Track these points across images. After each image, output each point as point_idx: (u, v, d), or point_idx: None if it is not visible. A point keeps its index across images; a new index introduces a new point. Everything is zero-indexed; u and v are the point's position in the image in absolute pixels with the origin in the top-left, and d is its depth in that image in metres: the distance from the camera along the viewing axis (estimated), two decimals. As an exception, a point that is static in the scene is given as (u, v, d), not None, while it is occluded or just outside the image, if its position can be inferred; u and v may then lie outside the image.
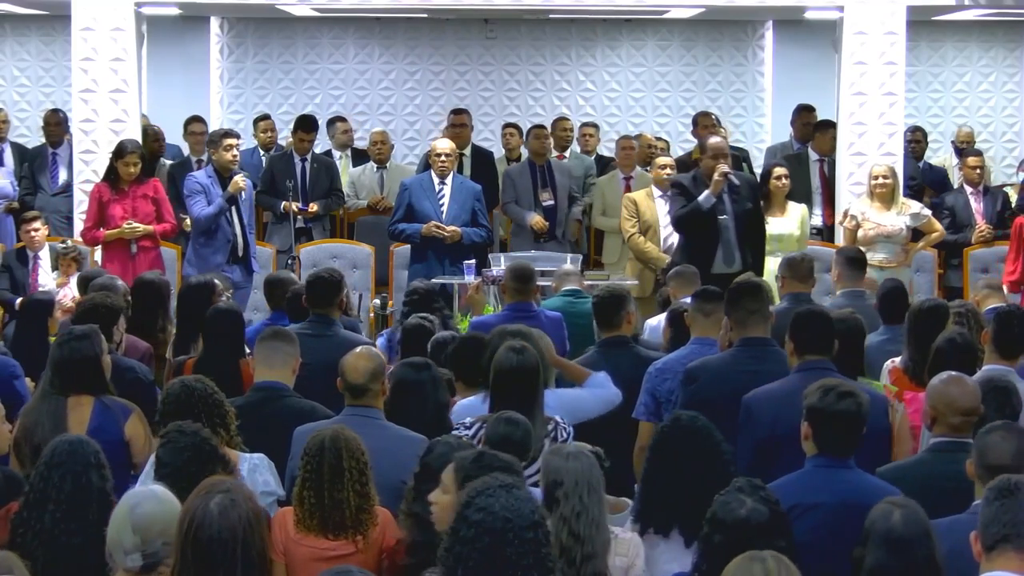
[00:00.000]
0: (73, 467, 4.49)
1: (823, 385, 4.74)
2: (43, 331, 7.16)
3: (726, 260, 9.13)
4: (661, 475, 4.76)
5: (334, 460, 4.56)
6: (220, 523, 3.82)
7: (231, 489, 3.91)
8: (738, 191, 9.28)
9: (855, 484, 4.61)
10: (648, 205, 10.20)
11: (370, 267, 10.87)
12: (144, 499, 4.05)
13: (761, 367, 5.79)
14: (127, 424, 5.65)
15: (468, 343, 6.29)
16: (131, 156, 9.56)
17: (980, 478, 4.38)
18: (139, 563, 3.97)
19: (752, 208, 9.33)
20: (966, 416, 4.91)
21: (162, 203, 9.76)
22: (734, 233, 9.17)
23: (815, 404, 4.70)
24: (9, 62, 14.48)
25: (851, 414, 4.66)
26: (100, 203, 9.58)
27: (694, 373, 6.00)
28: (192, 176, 10.01)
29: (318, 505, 4.56)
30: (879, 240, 9.79)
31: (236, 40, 14.34)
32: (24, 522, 4.48)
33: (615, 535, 4.51)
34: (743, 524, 3.96)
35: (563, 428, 5.53)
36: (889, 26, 10.83)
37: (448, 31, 14.35)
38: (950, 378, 5.05)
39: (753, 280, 6.43)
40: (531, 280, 7.54)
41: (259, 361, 5.84)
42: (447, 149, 10.31)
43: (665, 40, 14.48)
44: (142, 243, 9.60)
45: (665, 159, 10.50)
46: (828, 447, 4.68)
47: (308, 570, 4.51)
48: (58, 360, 5.73)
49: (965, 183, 11.11)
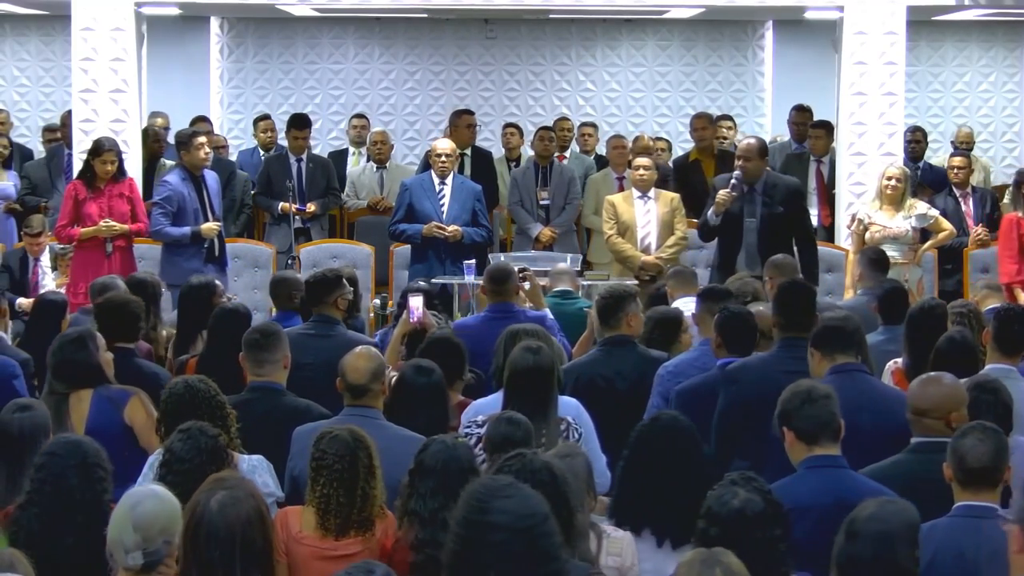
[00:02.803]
0: (54, 471, 4.50)
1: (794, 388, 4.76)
2: (56, 331, 7.16)
3: (748, 264, 9.04)
4: (638, 473, 4.73)
5: (367, 458, 4.55)
6: (219, 520, 3.82)
7: (234, 486, 3.91)
8: (771, 194, 9.20)
9: (848, 485, 4.58)
10: (626, 207, 10.18)
11: (370, 267, 10.85)
12: (145, 498, 4.06)
13: (803, 368, 5.70)
14: (127, 408, 5.70)
15: (437, 344, 6.25)
16: (108, 154, 9.45)
17: (959, 481, 4.36)
18: (140, 562, 3.97)
19: (784, 212, 9.15)
20: (941, 417, 4.88)
21: (137, 203, 9.68)
22: (757, 236, 9.13)
23: (786, 408, 4.71)
24: (9, 62, 14.48)
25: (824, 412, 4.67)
26: (76, 201, 9.46)
27: (734, 375, 5.90)
28: (165, 182, 9.82)
29: (348, 504, 4.52)
30: (886, 242, 9.78)
31: (236, 40, 14.34)
32: (16, 522, 4.51)
33: (607, 534, 4.50)
34: (738, 515, 3.94)
35: (575, 429, 5.53)
36: (889, 26, 10.82)
37: (448, 31, 14.36)
38: (928, 378, 5.07)
39: (799, 281, 6.44)
40: (507, 280, 7.44)
41: (249, 361, 5.82)
42: (447, 149, 10.31)
43: (665, 40, 14.49)
44: (117, 243, 9.51)
45: (641, 160, 10.40)
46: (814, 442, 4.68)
47: (310, 570, 4.50)
48: (55, 364, 5.84)
49: (952, 186, 11.03)
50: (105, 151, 9.48)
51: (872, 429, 5.37)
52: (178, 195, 9.64)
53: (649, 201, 10.16)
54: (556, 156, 11.89)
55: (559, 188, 11.25)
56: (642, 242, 10.08)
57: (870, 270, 8.24)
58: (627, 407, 6.25)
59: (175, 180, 9.75)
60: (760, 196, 9.18)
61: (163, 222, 9.63)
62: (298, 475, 5.16)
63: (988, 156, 14.28)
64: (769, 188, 9.20)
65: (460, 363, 6.19)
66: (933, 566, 4.15)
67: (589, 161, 12.46)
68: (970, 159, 11.40)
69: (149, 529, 3.96)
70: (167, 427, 5.12)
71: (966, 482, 4.34)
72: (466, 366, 6.26)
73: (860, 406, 5.34)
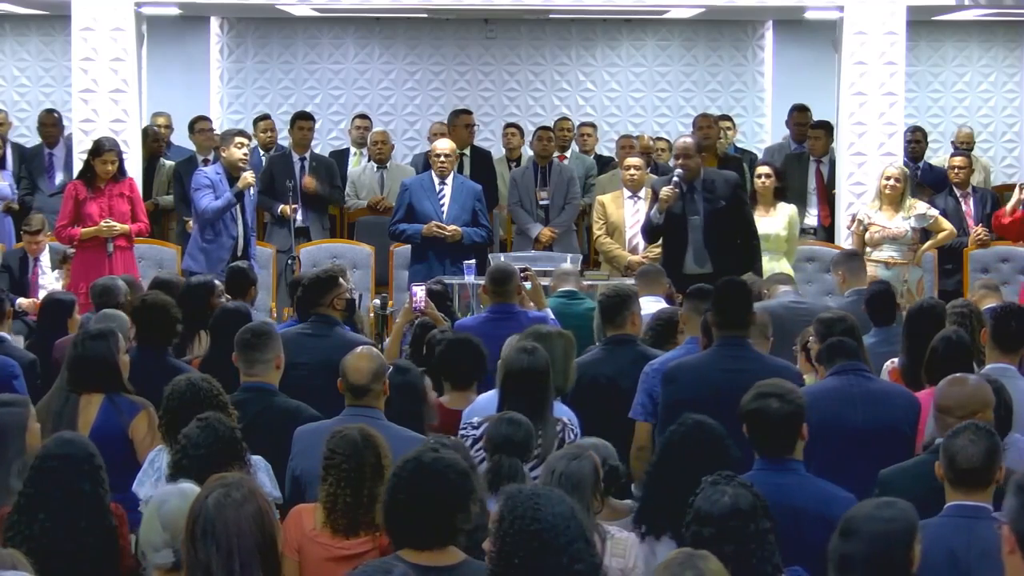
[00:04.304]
0: (65, 474, 4.48)
1: (756, 387, 4.75)
2: (62, 331, 7.17)
3: (697, 260, 9.11)
4: (667, 477, 4.72)
5: (374, 458, 4.55)
6: (216, 518, 3.79)
7: (232, 485, 3.88)
8: (712, 189, 9.22)
9: (790, 487, 4.57)
10: (615, 208, 10.22)
11: (370, 267, 10.86)
12: (171, 496, 4.07)
13: (740, 366, 5.76)
14: (132, 422, 5.66)
15: (455, 345, 6.27)
16: (108, 154, 9.45)
17: (950, 481, 4.35)
18: (170, 559, 4.00)
19: (727, 206, 9.18)
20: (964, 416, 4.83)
21: (137, 203, 9.69)
22: (703, 233, 9.15)
23: (745, 406, 4.71)
24: (9, 62, 14.48)
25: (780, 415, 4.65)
26: (76, 201, 9.47)
27: (672, 374, 5.96)
28: (201, 171, 9.98)
29: (355, 504, 4.52)
30: (886, 242, 9.78)
31: (236, 40, 14.33)
32: (14, 526, 4.46)
33: (611, 535, 4.51)
34: (732, 511, 3.94)
35: (571, 429, 5.53)
36: (889, 26, 10.82)
37: (448, 31, 14.35)
38: (955, 378, 5.06)
39: (736, 279, 6.43)
40: (509, 281, 7.42)
41: (241, 361, 5.80)
42: (447, 149, 10.31)
43: (665, 40, 14.48)
44: (118, 243, 9.51)
45: (632, 159, 10.43)
46: (762, 450, 4.69)
47: (322, 569, 4.51)
48: (73, 359, 5.79)
49: (953, 185, 11.03)
50: (106, 151, 9.48)
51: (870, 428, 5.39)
52: (213, 183, 9.67)
53: (639, 202, 10.19)
54: (556, 156, 11.89)
55: (559, 188, 11.25)
56: (630, 242, 10.14)
57: (850, 269, 8.23)
58: (628, 406, 6.26)
59: (210, 172, 9.82)
60: (701, 193, 9.22)
61: (209, 198, 9.63)
62: (300, 475, 5.16)
63: (988, 156, 14.27)
64: (708, 184, 9.25)
65: (478, 364, 6.19)
66: (924, 565, 4.14)
67: (589, 161, 12.46)
68: (971, 159, 11.40)
69: (176, 527, 3.97)
70: (169, 425, 5.12)
71: (957, 482, 4.34)
72: (484, 367, 6.26)
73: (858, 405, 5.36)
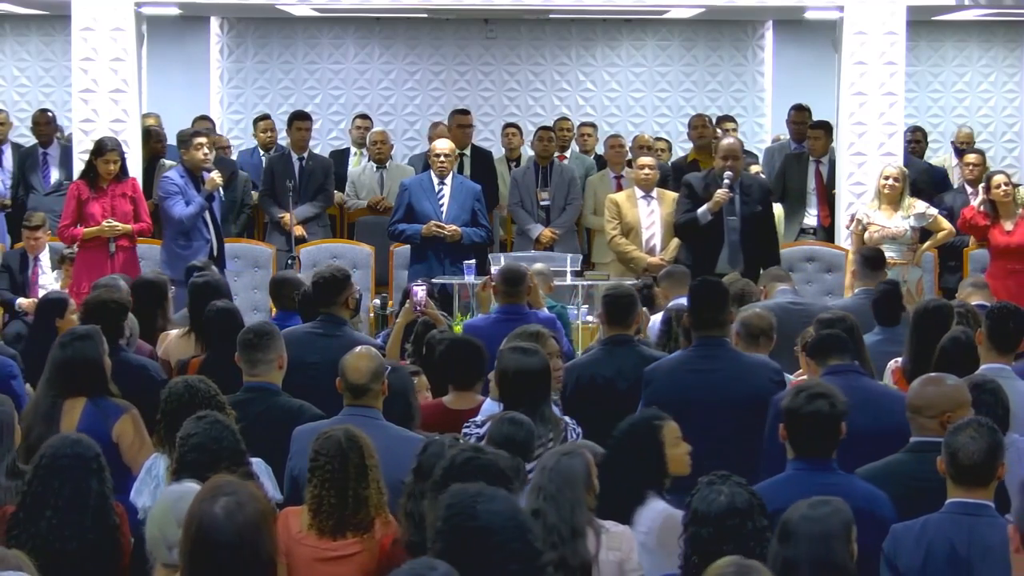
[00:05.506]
0: (74, 473, 4.48)
1: (798, 387, 4.74)
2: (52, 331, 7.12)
3: (731, 261, 9.15)
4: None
5: (358, 459, 4.54)
6: (227, 527, 3.67)
7: (236, 490, 3.84)
8: (749, 192, 9.31)
9: (836, 487, 4.52)
10: (630, 207, 10.17)
11: (370, 267, 10.86)
12: (187, 494, 4.03)
13: (712, 366, 5.78)
14: (116, 425, 5.60)
15: (458, 346, 6.27)
16: (111, 154, 9.45)
17: (951, 477, 4.37)
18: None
19: (761, 211, 9.37)
20: (935, 416, 4.87)
21: (139, 202, 9.69)
22: (740, 235, 9.18)
23: (788, 405, 4.70)
24: (9, 62, 14.48)
25: (823, 415, 4.65)
26: (79, 201, 9.47)
27: (649, 375, 5.98)
28: (167, 177, 9.92)
29: (339, 505, 4.52)
30: (885, 242, 9.78)
31: (236, 40, 14.33)
32: (19, 524, 4.46)
33: (606, 529, 4.51)
34: (729, 509, 3.95)
35: (572, 430, 5.53)
36: (889, 26, 10.82)
37: (448, 31, 14.36)
38: (928, 378, 5.08)
39: (712, 279, 6.45)
40: (521, 282, 7.36)
41: (243, 362, 5.79)
42: (447, 149, 10.31)
43: (665, 40, 14.48)
44: (120, 242, 9.51)
45: (645, 159, 10.39)
46: (803, 450, 4.69)
47: (310, 571, 4.51)
48: (59, 360, 5.71)
49: (966, 183, 11.08)
50: (108, 151, 9.49)
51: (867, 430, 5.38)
52: (180, 187, 9.71)
53: (652, 201, 10.16)
54: (556, 156, 11.89)
55: (559, 188, 11.25)
56: (647, 243, 10.08)
57: (865, 269, 8.25)
58: (628, 406, 6.23)
59: (175, 176, 9.83)
60: (738, 195, 9.28)
61: (181, 205, 9.67)
62: (298, 475, 5.16)
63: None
64: (746, 187, 9.34)
65: (479, 365, 6.20)
66: (928, 562, 4.14)
67: (589, 161, 12.46)
68: (984, 156, 11.48)
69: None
70: (167, 427, 5.10)
71: (958, 479, 4.35)
72: (485, 368, 6.25)
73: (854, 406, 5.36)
